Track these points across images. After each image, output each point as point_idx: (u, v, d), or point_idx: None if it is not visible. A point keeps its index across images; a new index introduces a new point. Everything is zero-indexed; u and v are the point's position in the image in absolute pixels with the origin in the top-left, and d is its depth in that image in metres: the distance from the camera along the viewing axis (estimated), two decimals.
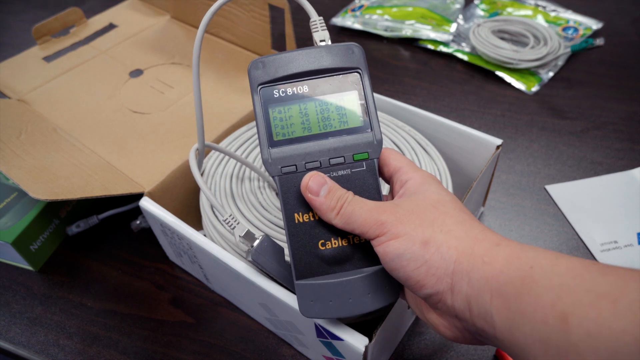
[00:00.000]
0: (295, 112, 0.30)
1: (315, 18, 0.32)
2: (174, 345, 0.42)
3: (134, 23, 0.64)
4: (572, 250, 0.47)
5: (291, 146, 0.29)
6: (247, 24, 0.56)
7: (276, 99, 0.30)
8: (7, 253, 0.47)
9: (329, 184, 0.28)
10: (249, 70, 0.30)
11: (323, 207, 0.28)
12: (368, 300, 0.28)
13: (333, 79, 0.30)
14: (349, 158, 0.29)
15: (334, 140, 0.29)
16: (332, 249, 0.29)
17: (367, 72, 0.30)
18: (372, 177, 0.29)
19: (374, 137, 0.30)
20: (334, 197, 0.28)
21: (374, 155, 0.29)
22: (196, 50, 0.34)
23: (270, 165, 0.29)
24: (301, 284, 0.29)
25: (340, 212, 0.27)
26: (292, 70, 0.29)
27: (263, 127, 0.29)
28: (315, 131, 0.29)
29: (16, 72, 0.57)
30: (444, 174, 0.42)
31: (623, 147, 0.57)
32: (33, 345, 0.43)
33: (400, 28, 0.75)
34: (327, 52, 0.30)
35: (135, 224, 0.49)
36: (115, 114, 0.51)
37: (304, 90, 0.30)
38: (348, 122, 0.30)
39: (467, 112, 0.63)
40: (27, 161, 0.42)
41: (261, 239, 0.32)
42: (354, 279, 0.29)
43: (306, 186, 0.28)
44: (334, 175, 0.29)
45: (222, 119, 0.49)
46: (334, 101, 0.30)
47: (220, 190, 0.41)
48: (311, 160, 0.29)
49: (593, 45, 0.67)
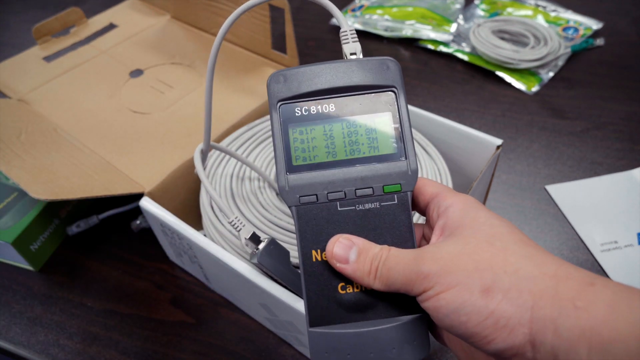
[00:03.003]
0: (318, 134, 0.26)
1: (345, 28, 0.29)
2: (174, 345, 0.42)
3: (134, 23, 0.64)
4: (572, 250, 0.47)
5: (312, 173, 0.26)
6: (247, 24, 0.56)
7: (298, 117, 0.26)
8: (7, 253, 0.47)
9: (359, 245, 0.24)
10: (268, 84, 0.27)
11: (357, 274, 0.24)
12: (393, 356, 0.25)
13: (364, 97, 0.26)
14: (379, 189, 0.26)
15: (362, 169, 0.26)
16: (354, 293, 0.25)
17: (404, 91, 0.27)
18: (405, 213, 0.26)
19: (408, 167, 0.26)
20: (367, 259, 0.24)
21: (408, 187, 0.26)
22: (211, 60, 0.32)
23: (287, 194, 0.26)
24: (316, 332, 0.25)
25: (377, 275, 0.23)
26: (317, 86, 0.26)
27: (281, 149, 0.26)
28: (340, 157, 0.26)
29: (16, 72, 0.57)
30: (444, 174, 0.42)
31: (623, 147, 0.57)
32: (33, 345, 0.43)
33: (400, 28, 0.75)
34: (358, 66, 0.26)
35: (135, 224, 0.49)
36: (116, 114, 0.51)
37: (330, 110, 0.26)
38: (379, 148, 0.26)
39: (467, 112, 0.63)
40: (27, 161, 0.42)
41: (267, 242, 0.32)
42: (378, 330, 0.25)
43: (332, 255, 0.24)
44: (360, 208, 0.26)
45: (222, 119, 0.49)
46: (364, 123, 0.26)
47: (221, 190, 0.41)
48: (334, 190, 0.26)
49: (593, 45, 0.67)
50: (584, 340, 0.18)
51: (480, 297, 0.20)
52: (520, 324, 0.20)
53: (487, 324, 0.20)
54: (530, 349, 0.20)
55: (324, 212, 0.26)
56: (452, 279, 0.21)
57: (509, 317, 0.20)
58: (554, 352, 0.19)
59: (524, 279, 0.20)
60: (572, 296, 0.19)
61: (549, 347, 0.19)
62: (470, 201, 0.24)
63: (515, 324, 0.20)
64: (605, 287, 0.19)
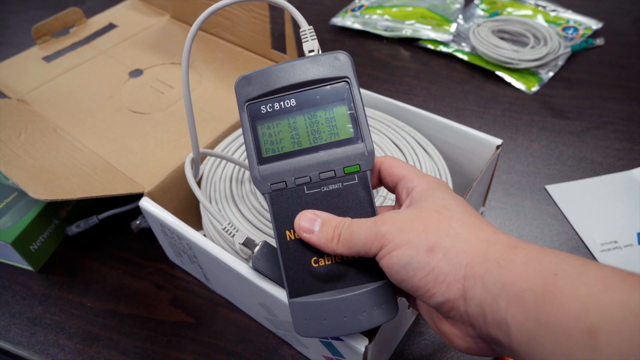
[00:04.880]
0: (284, 127, 0.29)
1: (304, 27, 0.32)
2: (174, 345, 0.42)
3: (134, 23, 0.64)
4: (572, 250, 0.47)
5: (281, 162, 0.29)
6: (247, 24, 0.56)
7: (264, 114, 0.29)
8: (7, 253, 0.47)
9: (322, 217, 0.28)
10: (235, 88, 0.29)
11: (322, 241, 0.27)
12: (364, 319, 0.28)
13: (321, 90, 0.29)
14: (340, 171, 0.29)
15: (324, 154, 0.29)
16: (325, 266, 0.28)
17: (356, 80, 0.29)
18: (365, 190, 0.29)
19: (365, 148, 0.29)
20: (330, 227, 0.27)
21: (366, 167, 0.29)
22: (186, 52, 0.34)
23: (259, 183, 0.29)
24: (295, 302, 0.28)
25: (340, 239, 0.26)
26: (278, 85, 0.29)
27: (252, 144, 0.29)
28: (305, 145, 0.29)
29: (16, 72, 0.57)
30: (444, 174, 0.42)
31: (623, 147, 0.57)
32: (33, 345, 0.43)
33: (400, 28, 0.75)
34: (312, 62, 0.29)
35: (135, 224, 0.49)
36: (115, 114, 0.51)
37: (291, 104, 0.29)
38: (339, 134, 0.29)
39: (467, 112, 0.63)
40: (27, 161, 0.42)
41: (260, 246, 0.32)
42: (349, 296, 0.28)
43: (299, 227, 0.27)
44: (325, 190, 0.29)
45: (222, 120, 0.49)
46: (323, 113, 0.29)
47: (220, 193, 0.41)
48: (301, 176, 0.29)
49: (593, 45, 0.67)
50: (503, 293, 0.21)
51: (425, 255, 0.23)
52: (456, 279, 0.23)
53: (429, 279, 0.23)
54: (463, 302, 0.23)
55: (294, 196, 0.29)
56: (403, 238, 0.24)
57: (446, 274, 0.23)
58: (481, 305, 0.22)
59: (462, 241, 0.23)
60: (498, 257, 0.22)
61: (477, 300, 0.22)
62: (433, 182, 0.28)
63: (452, 280, 0.23)
64: (524, 249, 0.22)
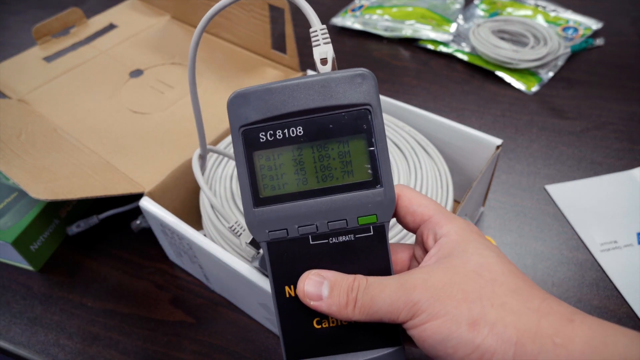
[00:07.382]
0: (287, 160, 0.24)
1: (317, 27, 0.25)
2: (174, 345, 0.42)
3: (134, 23, 0.64)
4: (572, 250, 0.47)
5: (281, 205, 0.24)
6: (247, 24, 0.56)
7: (263, 143, 0.24)
8: (7, 253, 0.47)
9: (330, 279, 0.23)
10: (228, 107, 0.24)
11: (333, 308, 0.23)
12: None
13: (335, 118, 0.24)
14: (353, 221, 0.24)
15: (334, 198, 0.24)
16: (330, 328, 0.24)
17: (380, 107, 0.24)
18: (381, 244, 0.24)
19: (384, 196, 0.24)
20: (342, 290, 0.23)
21: (384, 218, 0.24)
22: (192, 53, 0.31)
23: (255, 229, 0.24)
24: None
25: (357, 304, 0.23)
26: (283, 109, 0.23)
27: (246, 180, 0.24)
28: (312, 185, 0.24)
29: (16, 72, 0.57)
30: (444, 174, 0.42)
31: (623, 147, 0.57)
32: (33, 345, 0.43)
33: (400, 28, 0.75)
34: (327, 83, 0.23)
35: (135, 224, 0.49)
36: (116, 114, 0.51)
37: (298, 133, 0.24)
38: (353, 174, 0.24)
39: (467, 112, 0.63)
40: (27, 161, 0.42)
41: None
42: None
43: (304, 294, 0.23)
44: (333, 241, 0.24)
45: (223, 120, 0.49)
46: (335, 147, 0.24)
47: (221, 191, 0.41)
48: (305, 224, 0.24)
49: (593, 45, 0.67)
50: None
51: (468, 330, 0.20)
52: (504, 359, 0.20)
53: (472, 357, 0.20)
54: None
55: (296, 247, 0.24)
56: (440, 308, 0.21)
57: (493, 352, 0.20)
58: None
59: (509, 313, 0.21)
60: (552, 333, 0.20)
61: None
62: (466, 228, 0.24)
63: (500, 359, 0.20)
64: (582, 324, 0.20)
